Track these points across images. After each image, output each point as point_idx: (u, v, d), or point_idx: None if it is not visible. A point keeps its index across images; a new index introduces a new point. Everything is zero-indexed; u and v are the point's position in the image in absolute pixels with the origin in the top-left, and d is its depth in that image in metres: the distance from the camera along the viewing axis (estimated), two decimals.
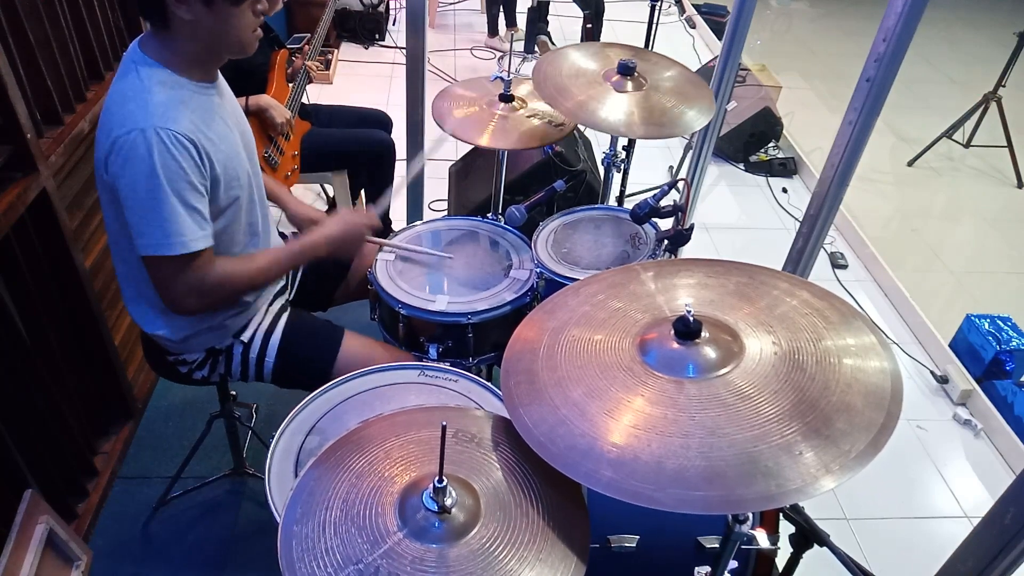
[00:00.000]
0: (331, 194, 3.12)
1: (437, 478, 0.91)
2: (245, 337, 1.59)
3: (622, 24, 5.31)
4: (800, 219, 2.05)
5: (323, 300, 1.88)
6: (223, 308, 1.53)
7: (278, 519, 0.97)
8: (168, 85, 1.31)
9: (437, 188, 3.12)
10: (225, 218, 1.43)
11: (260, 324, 1.61)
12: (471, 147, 2.83)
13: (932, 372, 2.70)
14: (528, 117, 1.95)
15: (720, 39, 3.36)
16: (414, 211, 2.36)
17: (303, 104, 2.59)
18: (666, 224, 1.80)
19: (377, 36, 4.75)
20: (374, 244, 1.75)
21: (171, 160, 1.27)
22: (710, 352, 0.98)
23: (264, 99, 2.34)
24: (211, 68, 1.39)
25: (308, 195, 3.28)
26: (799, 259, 2.02)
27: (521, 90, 2.01)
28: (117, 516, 1.96)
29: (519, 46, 4.67)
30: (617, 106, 1.75)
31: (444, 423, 0.90)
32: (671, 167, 3.76)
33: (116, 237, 1.42)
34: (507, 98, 1.95)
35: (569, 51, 1.94)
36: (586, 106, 1.73)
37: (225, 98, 1.46)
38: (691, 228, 1.75)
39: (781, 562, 1.33)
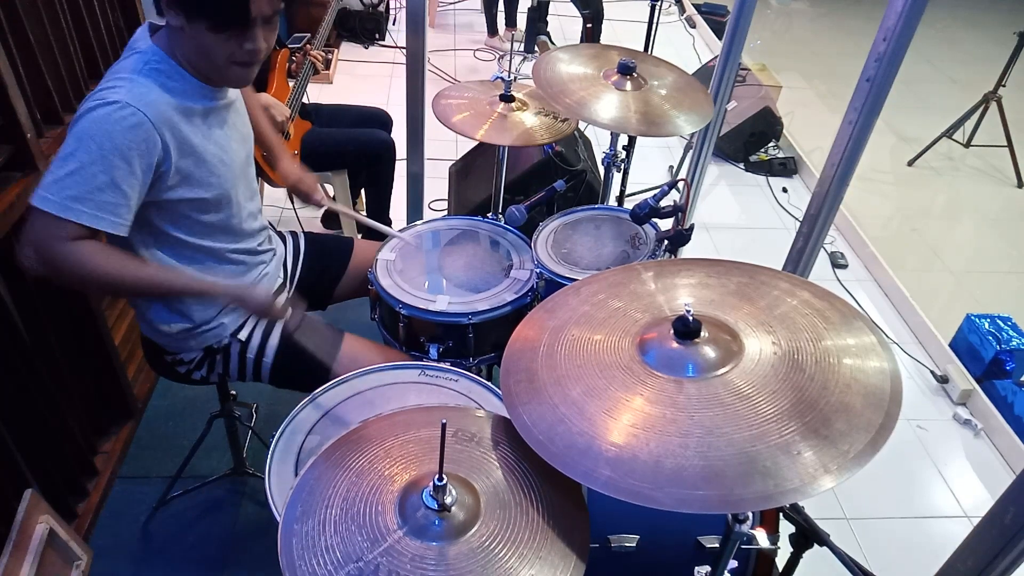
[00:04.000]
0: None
1: (437, 476, 0.91)
2: (243, 335, 1.59)
3: (622, 24, 5.32)
4: (800, 219, 2.05)
5: (322, 298, 1.88)
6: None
7: (278, 518, 0.97)
8: (165, 74, 1.31)
9: (437, 188, 3.12)
10: (205, 227, 1.44)
11: (259, 322, 1.61)
12: (471, 147, 2.84)
13: (932, 372, 2.70)
14: (533, 113, 1.96)
15: (720, 39, 3.36)
16: (414, 211, 2.36)
17: (303, 104, 2.59)
18: (666, 224, 1.80)
19: (377, 36, 4.76)
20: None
21: (125, 136, 1.23)
22: (709, 352, 0.98)
23: (263, 97, 2.34)
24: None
25: None
26: (799, 259, 2.02)
27: (521, 91, 2.02)
28: (117, 516, 1.97)
29: (519, 46, 4.67)
30: (617, 103, 1.75)
31: (444, 421, 0.90)
32: (671, 167, 3.76)
33: None
34: (507, 98, 1.96)
35: (568, 52, 1.94)
36: (586, 103, 1.74)
37: (233, 106, 1.46)
38: (691, 228, 1.75)
39: (781, 562, 1.33)
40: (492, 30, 4.87)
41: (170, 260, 1.44)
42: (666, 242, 1.77)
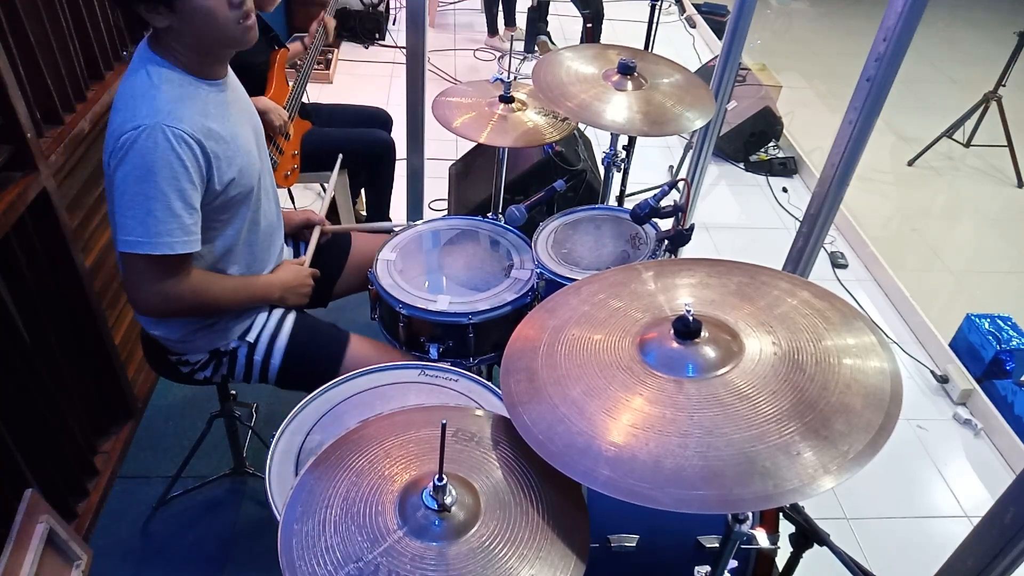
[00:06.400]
0: (331, 193, 3.11)
1: (437, 476, 0.91)
2: (250, 338, 1.59)
3: (622, 24, 5.31)
4: (800, 219, 2.05)
5: (323, 295, 1.88)
6: (187, 319, 1.52)
7: (278, 518, 0.97)
8: (176, 83, 1.31)
9: (437, 188, 3.12)
10: (240, 215, 1.44)
11: (265, 325, 1.61)
12: (471, 147, 2.84)
13: (932, 372, 2.70)
14: (534, 113, 1.96)
15: (720, 39, 3.36)
16: (414, 211, 2.36)
17: (303, 103, 2.59)
18: (666, 224, 1.80)
19: (377, 36, 4.76)
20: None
21: (175, 159, 1.27)
22: (710, 352, 0.98)
23: (262, 101, 2.34)
24: (215, 65, 1.38)
25: (308, 195, 3.28)
26: (799, 259, 2.02)
27: (521, 91, 2.02)
28: (117, 516, 1.97)
29: (519, 46, 4.67)
30: (618, 105, 1.75)
31: (444, 421, 0.90)
32: (671, 167, 3.76)
33: None
34: (507, 99, 1.96)
35: (568, 52, 1.94)
36: (588, 106, 1.74)
37: (236, 93, 1.46)
38: (691, 228, 1.75)
39: (781, 562, 1.33)
40: (492, 30, 4.87)
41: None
42: (666, 242, 1.77)
